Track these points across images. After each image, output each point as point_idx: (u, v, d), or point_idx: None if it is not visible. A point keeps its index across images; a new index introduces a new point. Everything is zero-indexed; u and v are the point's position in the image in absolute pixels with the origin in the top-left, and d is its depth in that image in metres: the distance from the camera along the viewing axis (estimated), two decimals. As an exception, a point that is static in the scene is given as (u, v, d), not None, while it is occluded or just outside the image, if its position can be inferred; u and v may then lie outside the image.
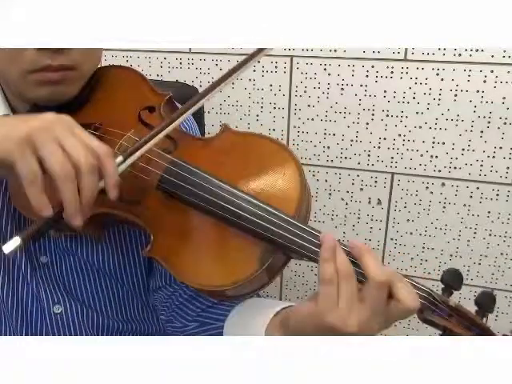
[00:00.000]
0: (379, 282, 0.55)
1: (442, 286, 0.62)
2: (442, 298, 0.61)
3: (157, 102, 0.74)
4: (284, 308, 0.65)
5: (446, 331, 0.61)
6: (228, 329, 0.70)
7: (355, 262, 0.58)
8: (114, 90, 0.78)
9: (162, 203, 0.66)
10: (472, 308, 0.63)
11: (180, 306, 0.77)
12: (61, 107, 0.73)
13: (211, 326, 0.72)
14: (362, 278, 0.57)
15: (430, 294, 0.60)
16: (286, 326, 0.62)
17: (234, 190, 0.63)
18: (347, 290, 0.55)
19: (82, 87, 0.73)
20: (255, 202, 0.62)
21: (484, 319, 0.62)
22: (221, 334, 0.71)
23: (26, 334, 0.78)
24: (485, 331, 0.62)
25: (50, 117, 0.56)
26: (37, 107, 0.73)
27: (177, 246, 0.65)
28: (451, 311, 0.61)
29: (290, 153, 0.66)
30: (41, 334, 0.78)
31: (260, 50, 0.64)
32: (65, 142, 0.53)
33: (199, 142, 0.73)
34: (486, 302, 0.63)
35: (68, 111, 0.75)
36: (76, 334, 0.79)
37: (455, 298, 0.62)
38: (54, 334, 0.78)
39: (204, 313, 0.75)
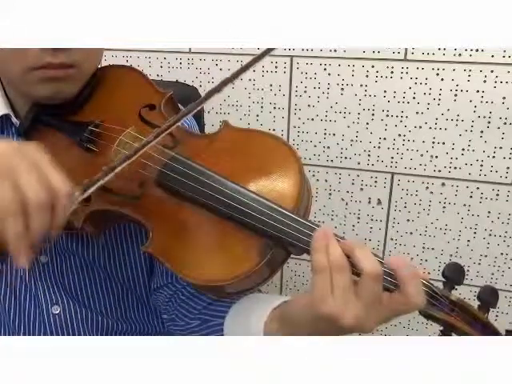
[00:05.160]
0: (372, 274, 0.54)
1: (443, 280, 0.61)
2: (443, 292, 0.59)
3: (157, 99, 0.74)
4: (284, 301, 0.65)
5: (446, 326, 0.60)
6: (227, 326, 0.70)
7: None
8: (115, 88, 0.78)
9: (161, 199, 0.66)
10: (474, 304, 0.61)
11: (182, 305, 0.77)
12: (62, 105, 0.73)
13: (212, 322, 0.73)
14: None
15: (430, 288, 0.58)
16: (283, 318, 0.62)
17: (233, 185, 0.63)
18: (341, 282, 0.54)
19: (83, 86, 0.74)
20: (254, 196, 0.61)
21: (486, 314, 0.61)
22: (222, 330, 0.71)
23: (24, 335, 0.78)
24: (487, 326, 0.60)
25: (11, 150, 0.54)
26: (37, 105, 0.73)
27: (176, 242, 0.64)
28: (453, 305, 0.59)
29: (289, 148, 0.66)
30: (39, 335, 0.78)
31: (269, 50, 0.61)
32: (19, 176, 0.52)
33: (199, 138, 0.74)
34: (489, 296, 0.61)
35: (69, 109, 0.75)
36: (74, 335, 0.79)
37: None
38: (52, 335, 0.78)
39: (205, 310, 0.75)
